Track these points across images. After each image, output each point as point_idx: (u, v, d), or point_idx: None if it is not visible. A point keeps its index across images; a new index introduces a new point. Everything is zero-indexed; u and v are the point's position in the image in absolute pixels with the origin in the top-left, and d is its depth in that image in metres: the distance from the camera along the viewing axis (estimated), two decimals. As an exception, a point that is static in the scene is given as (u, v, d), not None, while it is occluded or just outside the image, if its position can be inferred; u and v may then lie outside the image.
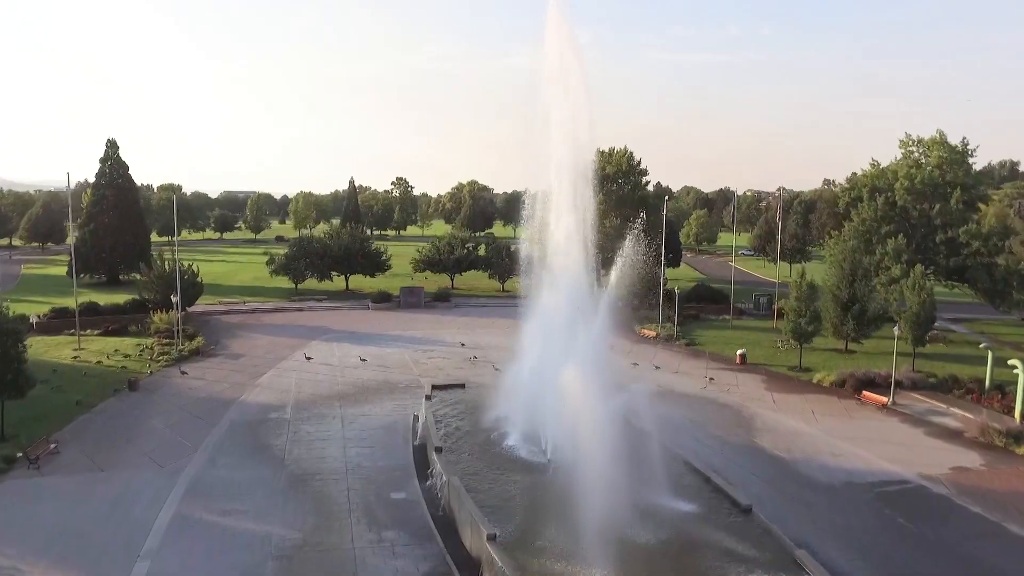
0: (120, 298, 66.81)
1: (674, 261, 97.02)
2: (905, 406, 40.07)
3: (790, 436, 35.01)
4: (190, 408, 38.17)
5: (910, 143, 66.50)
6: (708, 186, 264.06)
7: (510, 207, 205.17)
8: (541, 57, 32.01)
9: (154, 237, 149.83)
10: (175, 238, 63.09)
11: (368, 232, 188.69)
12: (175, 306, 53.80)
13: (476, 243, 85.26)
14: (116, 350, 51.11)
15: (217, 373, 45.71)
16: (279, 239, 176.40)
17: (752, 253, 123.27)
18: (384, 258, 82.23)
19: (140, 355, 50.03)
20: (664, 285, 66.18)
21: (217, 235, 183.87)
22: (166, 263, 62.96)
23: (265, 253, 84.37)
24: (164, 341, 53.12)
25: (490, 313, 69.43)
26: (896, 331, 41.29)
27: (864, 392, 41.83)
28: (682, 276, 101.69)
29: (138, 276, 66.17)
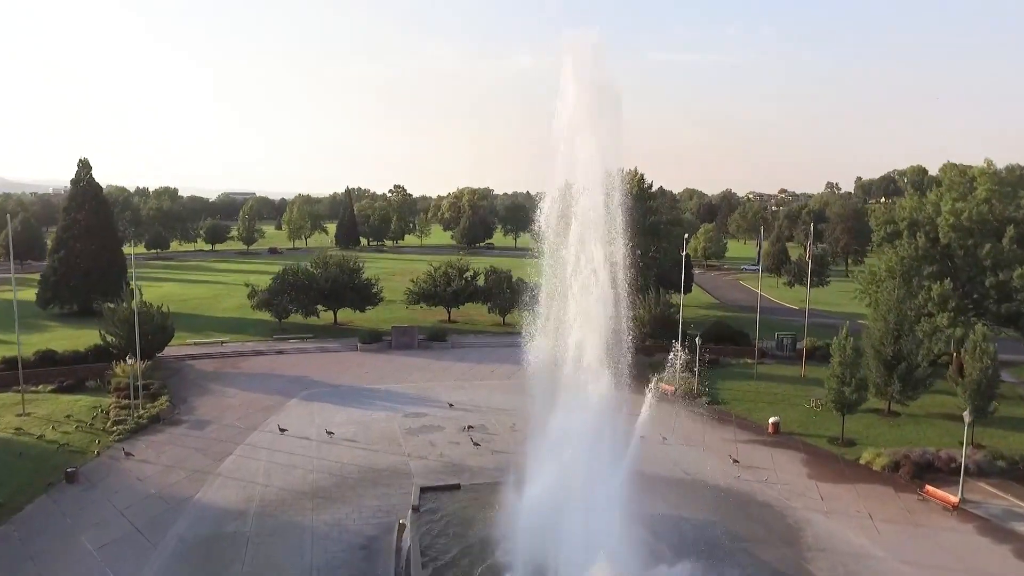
0: (89, 335, 60.86)
1: (686, 287, 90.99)
2: (977, 505, 34.09)
3: (850, 559, 28.99)
4: (133, 514, 32.15)
5: (953, 173, 60.34)
6: (708, 187, 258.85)
7: (511, 213, 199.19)
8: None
9: (142, 250, 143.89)
10: (134, 282, 56.39)
11: (365, 242, 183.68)
12: (136, 359, 47.81)
13: (475, 274, 78.96)
14: (68, 415, 45.11)
15: (174, 453, 39.69)
16: (272, 251, 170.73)
17: (758, 268, 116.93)
18: (375, 291, 75.98)
19: (92, 422, 44.09)
20: (681, 319, 60.05)
21: (209, 246, 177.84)
22: (134, 303, 56.84)
23: (247, 284, 77.89)
24: (122, 402, 47.04)
25: (490, 355, 63.36)
26: (966, 417, 35.22)
27: (927, 487, 35.75)
28: (694, 301, 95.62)
29: (107, 304, 60.02)
